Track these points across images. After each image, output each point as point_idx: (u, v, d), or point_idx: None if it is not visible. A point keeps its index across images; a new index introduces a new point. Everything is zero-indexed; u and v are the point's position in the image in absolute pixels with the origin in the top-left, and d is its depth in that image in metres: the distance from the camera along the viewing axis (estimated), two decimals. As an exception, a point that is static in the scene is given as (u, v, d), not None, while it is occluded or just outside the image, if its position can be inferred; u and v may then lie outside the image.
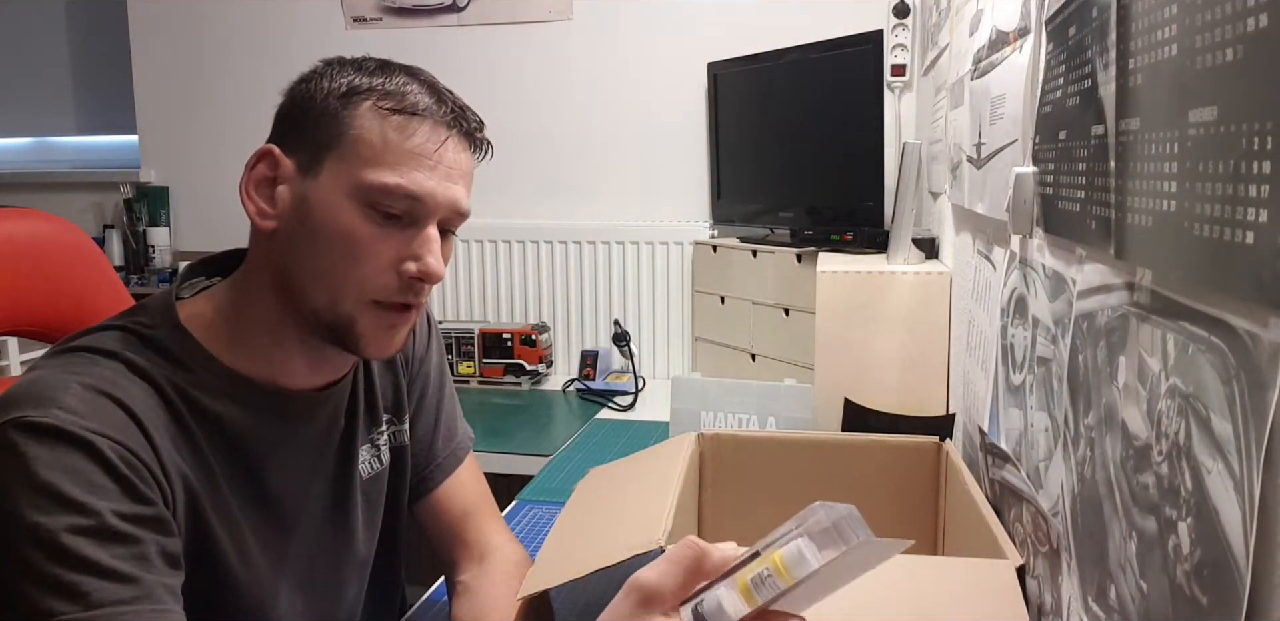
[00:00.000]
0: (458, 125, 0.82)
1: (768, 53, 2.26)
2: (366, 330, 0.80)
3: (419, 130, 0.79)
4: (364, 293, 0.79)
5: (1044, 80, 0.82)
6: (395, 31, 2.64)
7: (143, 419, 0.73)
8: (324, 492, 0.90)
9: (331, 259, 0.79)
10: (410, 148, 0.79)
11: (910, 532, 1.15)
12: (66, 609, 0.64)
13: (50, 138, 3.30)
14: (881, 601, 0.75)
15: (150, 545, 0.69)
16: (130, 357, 0.76)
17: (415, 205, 0.79)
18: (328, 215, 0.78)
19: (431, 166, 0.79)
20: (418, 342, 1.04)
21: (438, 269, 0.80)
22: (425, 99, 0.81)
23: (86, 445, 0.68)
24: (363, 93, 0.80)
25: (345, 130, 0.79)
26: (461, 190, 0.82)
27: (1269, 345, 0.40)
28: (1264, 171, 0.39)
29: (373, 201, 0.78)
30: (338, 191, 0.78)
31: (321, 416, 0.89)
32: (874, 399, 1.44)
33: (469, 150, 0.84)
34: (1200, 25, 0.46)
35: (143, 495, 0.70)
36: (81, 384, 0.72)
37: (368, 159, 0.78)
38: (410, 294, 0.81)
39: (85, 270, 1.23)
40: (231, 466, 0.81)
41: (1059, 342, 0.76)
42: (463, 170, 0.83)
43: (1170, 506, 0.50)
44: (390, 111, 0.79)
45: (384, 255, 0.79)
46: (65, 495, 0.66)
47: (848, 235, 1.98)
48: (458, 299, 2.68)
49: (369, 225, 0.78)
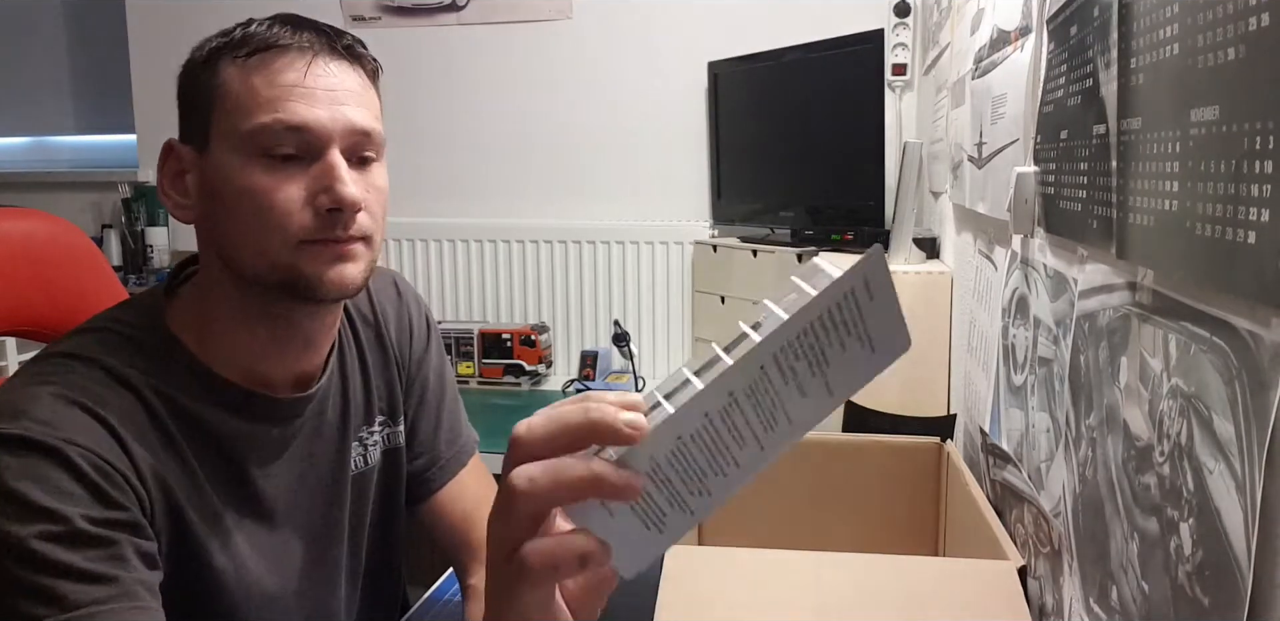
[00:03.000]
0: (325, 46, 0.78)
1: (768, 52, 2.25)
2: (311, 268, 0.77)
3: (279, 61, 0.76)
4: (289, 237, 0.76)
5: (1045, 79, 0.82)
6: (395, 31, 2.63)
7: (116, 425, 0.73)
8: (312, 491, 0.90)
9: (247, 218, 0.76)
10: (275, 81, 0.75)
11: (911, 533, 1.15)
12: (45, 612, 0.64)
13: (49, 137, 3.30)
14: (882, 601, 0.75)
15: (125, 546, 0.69)
16: (109, 363, 0.76)
17: (304, 137, 0.75)
18: (227, 178, 0.76)
19: (305, 93, 0.75)
20: (415, 343, 1.03)
21: (348, 194, 0.75)
22: (279, 32, 0.77)
23: (55, 452, 0.68)
24: (219, 51, 0.78)
25: (214, 92, 0.77)
26: (354, 110, 0.77)
27: (1271, 345, 0.40)
28: (1266, 171, 0.38)
29: (261, 148, 0.75)
30: (227, 153, 0.76)
31: (306, 416, 0.88)
32: (874, 399, 1.44)
33: (350, 67, 0.79)
34: (1202, 24, 0.45)
35: (114, 500, 0.70)
36: (52, 394, 0.72)
37: (240, 109, 0.75)
38: (336, 228, 0.76)
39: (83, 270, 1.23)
40: (215, 468, 0.80)
41: (1060, 343, 0.76)
42: (350, 90, 0.78)
43: (1172, 507, 0.50)
44: (246, 56, 0.76)
45: (293, 196, 0.75)
46: (34, 503, 0.66)
47: (848, 235, 1.98)
48: (457, 299, 2.67)
49: (266, 174, 0.75)
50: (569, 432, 0.41)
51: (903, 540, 1.15)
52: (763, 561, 0.82)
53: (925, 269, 1.56)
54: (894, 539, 1.15)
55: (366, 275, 0.80)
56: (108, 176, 2.97)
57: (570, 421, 0.41)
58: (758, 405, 0.41)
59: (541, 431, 0.42)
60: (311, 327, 0.85)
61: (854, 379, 0.44)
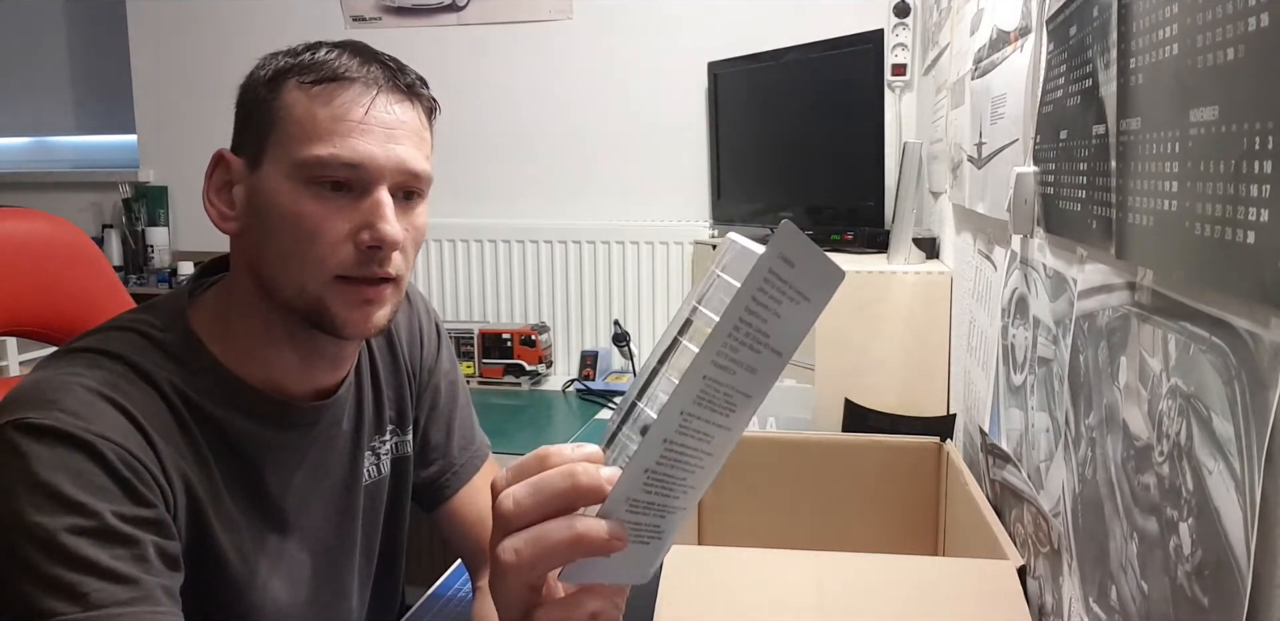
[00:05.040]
0: (388, 83, 0.78)
1: (768, 52, 2.26)
2: (339, 309, 0.78)
3: (343, 95, 0.76)
4: (325, 270, 0.77)
5: (1045, 80, 0.82)
6: (395, 31, 2.63)
7: (144, 422, 0.73)
8: (326, 498, 0.90)
9: (287, 243, 0.77)
10: (337, 114, 0.76)
11: (911, 533, 1.15)
12: (66, 609, 0.64)
13: (49, 137, 3.30)
14: (882, 601, 0.75)
15: (149, 546, 0.69)
16: (135, 361, 0.76)
17: (357, 172, 0.76)
18: (275, 201, 0.77)
19: (365, 130, 0.76)
20: (426, 352, 1.03)
21: (389, 233, 0.76)
22: (347, 63, 0.78)
23: (87, 446, 0.68)
24: (286, 72, 0.78)
25: (275, 114, 0.77)
26: (408, 150, 0.78)
27: (1270, 345, 0.40)
28: (1265, 171, 0.39)
29: (312, 177, 0.76)
30: (279, 176, 0.77)
31: (324, 424, 0.88)
32: (874, 399, 1.44)
33: (411, 107, 0.80)
34: (1201, 24, 0.45)
35: (143, 497, 0.70)
36: (84, 386, 0.72)
37: (299, 136, 0.76)
38: (373, 265, 0.77)
39: (84, 270, 1.23)
40: (233, 471, 0.81)
41: (1060, 343, 0.76)
42: (407, 129, 0.79)
43: (1171, 507, 0.50)
44: (312, 83, 0.77)
45: (337, 229, 0.76)
46: (66, 495, 0.66)
47: (848, 235, 1.98)
48: (457, 299, 2.67)
49: (315, 202, 0.76)
50: (555, 501, 0.42)
51: (903, 540, 1.15)
52: (763, 561, 0.82)
53: (925, 269, 1.56)
54: (894, 539, 1.15)
55: (391, 316, 0.81)
56: (108, 176, 2.97)
57: (556, 489, 0.42)
58: (712, 405, 0.42)
59: (529, 504, 0.42)
60: (338, 351, 0.86)
61: (798, 331, 0.44)
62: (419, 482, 1.04)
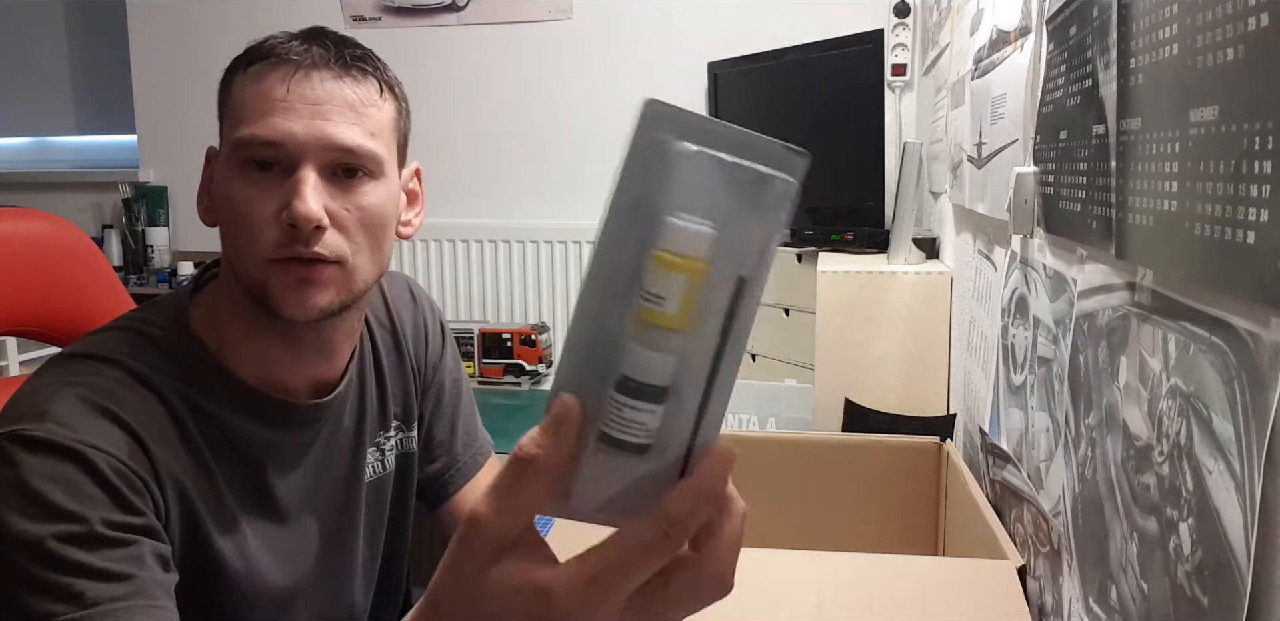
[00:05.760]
0: (323, 60, 0.77)
1: (768, 53, 2.25)
2: (277, 290, 0.76)
3: (272, 75, 0.76)
4: (258, 253, 0.76)
5: (1045, 80, 0.82)
6: (395, 31, 2.63)
7: (138, 429, 0.73)
8: (329, 497, 0.90)
9: (230, 228, 0.77)
10: (262, 94, 0.76)
11: (911, 533, 1.15)
12: (63, 610, 0.64)
13: (49, 137, 3.30)
14: (882, 601, 0.75)
15: (142, 547, 0.69)
16: (132, 365, 0.76)
17: (278, 151, 0.75)
18: (219, 188, 0.78)
19: (286, 107, 0.75)
20: (431, 349, 1.04)
21: (301, 210, 0.73)
22: (288, 45, 0.77)
23: (76, 456, 0.69)
24: (238, 61, 0.79)
25: (225, 103, 0.79)
26: (337, 125, 0.76)
27: (1270, 345, 0.40)
28: (1265, 171, 0.39)
29: (242, 159, 0.76)
30: (223, 162, 0.78)
31: (326, 423, 0.88)
32: (874, 399, 1.44)
33: (351, 82, 0.78)
34: (1201, 24, 0.45)
35: (133, 505, 0.70)
36: (77, 396, 0.72)
37: (234, 119, 0.77)
38: (297, 245, 0.75)
39: (84, 270, 1.23)
40: (234, 471, 0.81)
41: (1060, 343, 0.76)
42: (341, 104, 0.76)
43: (1171, 507, 0.50)
44: (247, 66, 0.78)
45: (264, 210, 0.75)
46: (55, 504, 0.67)
47: (848, 235, 1.98)
48: (457, 299, 2.67)
49: (245, 184, 0.76)
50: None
51: (903, 540, 1.15)
52: (763, 561, 0.82)
53: (925, 269, 1.56)
54: (894, 539, 1.15)
55: (339, 300, 0.79)
56: (108, 176, 2.97)
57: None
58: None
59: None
60: (326, 337, 0.85)
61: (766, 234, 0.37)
62: (422, 479, 1.04)
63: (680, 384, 0.37)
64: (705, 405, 0.37)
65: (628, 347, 0.36)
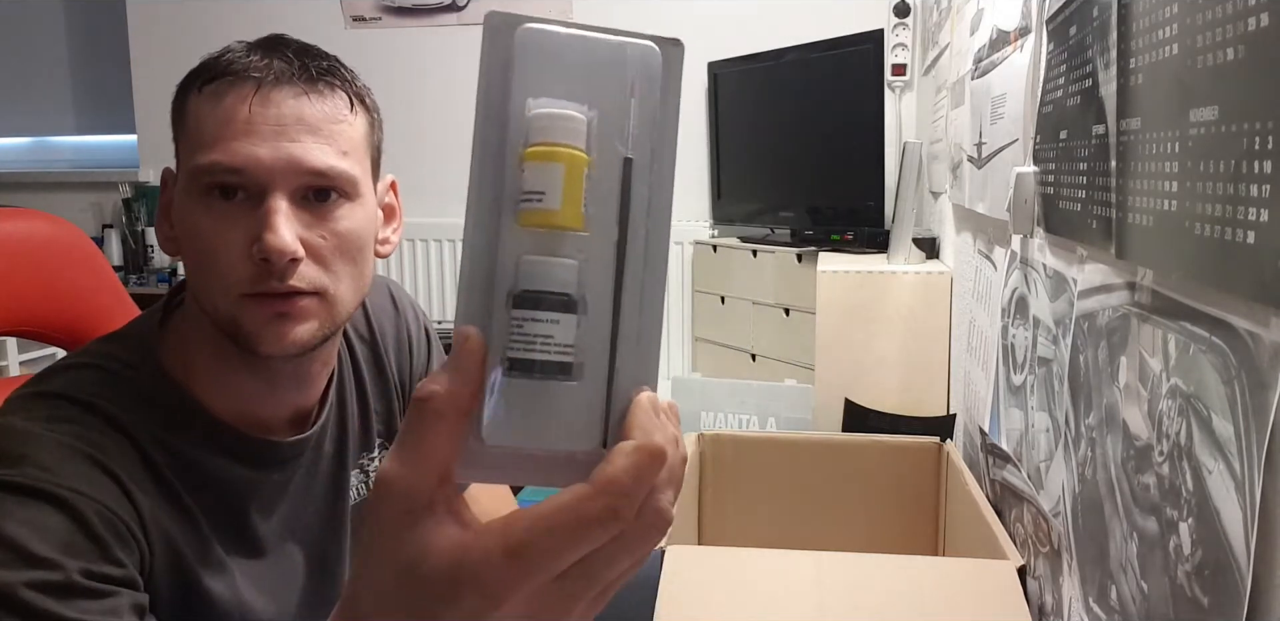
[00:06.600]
0: (286, 76, 0.70)
1: (768, 53, 2.26)
2: (251, 327, 0.71)
3: (231, 94, 0.69)
4: (229, 288, 0.70)
5: (1045, 80, 0.82)
6: (395, 31, 2.63)
7: (122, 476, 0.69)
8: (314, 526, 0.87)
9: (195, 261, 0.71)
10: (222, 116, 0.69)
11: (911, 533, 1.15)
12: None
13: (49, 137, 3.30)
14: (882, 601, 0.75)
15: (122, 597, 0.65)
16: (105, 409, 0.72)
17: (243, 178, 0.69)
18: (181, 217, 0.72)
19: (249, 130, 0.69)
20: (416, 361, 0.99)
21: (275, 244, 0.67)
22: (245, 59, 0.70)
23: (59, 502, 0.65)
24: (192, 77, 0.72)
25: (180, 123, 0.73)
26: (306, 147, 0.70)
27: (1270, 345, 0.40)
28: (1265, 171, 0.38)
29: (204, 187, 0.69)
30: (183, 190, 0.72)
31: (305, 458, 0.84)
32: (874, 399, 1.44)
33: (319, 98, 0.71)
34: (1201, 24, 0.45)
35: (114, 556, 0.66)
36: (55, 440, 0.68)
37: (193, 144, 0.70)
38: (271, 280, 0.69)
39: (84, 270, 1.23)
40: (215, 514, 0.77)
41: (1060, 343, 0.76)
42: (308, 123, 0.70)
43: (1171, 507, 0.50)
44: (202, 85, 0.70)
45: (233, 243, 0.69)
46: (30, 551, 0.62)
47: (848, 235, 1.98)
48: (445, 299, 2.67)
49: (209, 215, 0.70)
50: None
51: (903, 540, 1.15)
52: (763, 561, 0.82)
53: (925, 269, 1.56)
54: (894, 539, 1.15)
55: (320, 333, 0.74)
56: (108, 176, 2.97)
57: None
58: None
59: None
60: (304, 370, 0.80)
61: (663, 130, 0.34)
62: None
63: (585, 289, 0.33)
64: (618, 311, 0.33)
65: (520, 260, 0.32)
